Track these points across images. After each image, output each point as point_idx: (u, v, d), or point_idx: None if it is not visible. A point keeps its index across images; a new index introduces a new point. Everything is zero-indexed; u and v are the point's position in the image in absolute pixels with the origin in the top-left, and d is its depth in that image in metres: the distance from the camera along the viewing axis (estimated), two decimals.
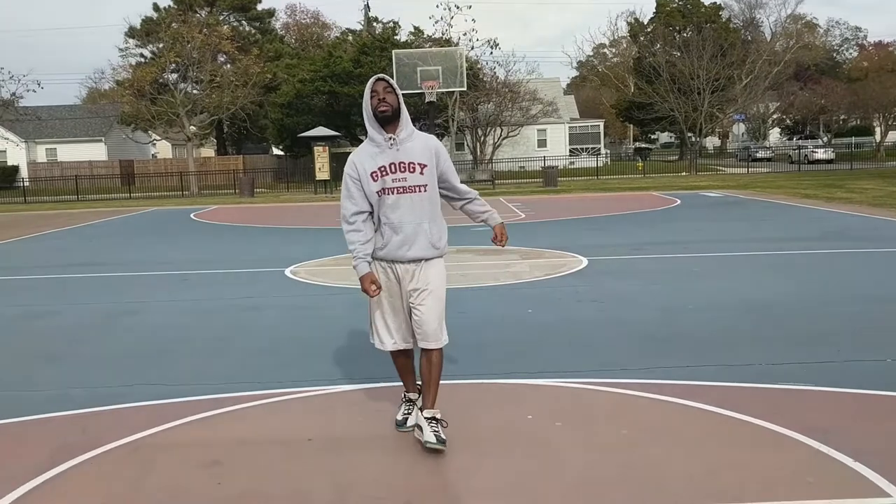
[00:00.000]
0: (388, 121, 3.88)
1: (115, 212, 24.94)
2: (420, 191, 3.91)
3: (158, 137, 53.44)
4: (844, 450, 3.74)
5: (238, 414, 4.61)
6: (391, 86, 3.90)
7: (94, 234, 17.49)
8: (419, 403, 4.16)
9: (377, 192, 3.90)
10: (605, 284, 8.57)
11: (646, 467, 3.66)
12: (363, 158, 3.94)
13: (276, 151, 55.57)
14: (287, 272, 10.16)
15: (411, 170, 3.89)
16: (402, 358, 4.21)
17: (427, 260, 3.96)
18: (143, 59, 45.80)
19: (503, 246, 4.26)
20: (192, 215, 22.09)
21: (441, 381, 4.55)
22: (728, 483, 3.45)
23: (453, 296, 6.11)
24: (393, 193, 3.88)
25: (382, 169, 3.88)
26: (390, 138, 3.89)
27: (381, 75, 3.97)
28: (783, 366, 5.23)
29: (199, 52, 39.94)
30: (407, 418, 4.26)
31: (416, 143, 3.95)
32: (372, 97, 3.88)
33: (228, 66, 45.98)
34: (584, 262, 10.18)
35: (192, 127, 40.39)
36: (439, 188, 4.05)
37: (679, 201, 21.13)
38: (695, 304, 7.39)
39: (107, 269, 11.16)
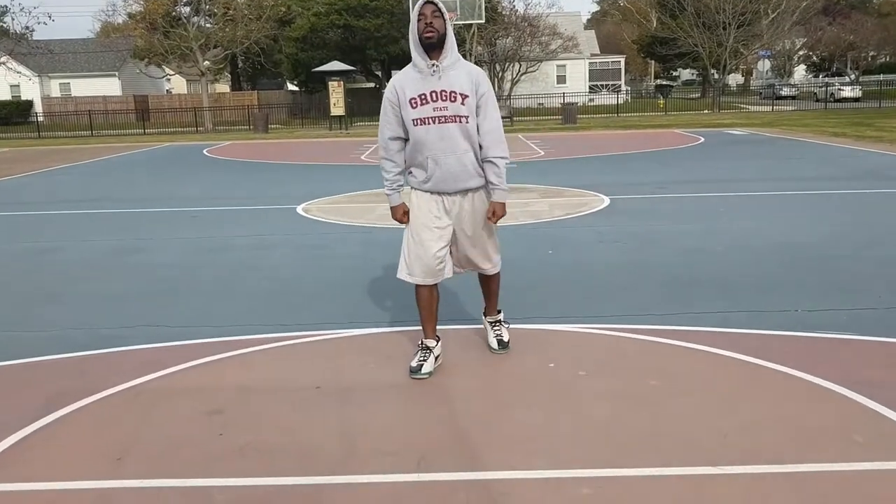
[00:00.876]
0: (433, 47, 3.74)
1: (128, 147, 24.65)
2: (461, 121, 3.77)
3: (172, 72, 52.79)
4: (894, 406, 3.45)
5: (243, 359, 4.38)
6: (439, 10, 3.74)
7: (105, 170, 17.25)
8: (437, 352, 4.10)
9: (414, 122, 3.78)
10: (627, 225, 8.23)
11: (676, 422, 3.39)
12: (405, 83, 3.82)
13: (291, 87, 54.79)
14: (299, 209, 9.88)
15: (452, 99, 3.75)
16: (426, 293, 4.03)
17: (475, 190, 3.92)
18: None
19: (493, 222, 3.94)
20: (205, 151, 21.78)
21: (458, 326, 4.45)
22: (765, 441, 3.18)
23: None
24: (434, 123, 3.77)
25: (423, 96, 3.76)
26: (433, 65, 3.74)
27: None
28: (821, 312, 4.92)
29: None
30: (422, 365, 4.04)
31: (460, 71, 3.80)
32: (419, 20, 3.73)
33: None
34: (606, 201, 9.82)
35: (205, 62, 39.74)
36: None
37: (702, 139, 20.54)
38: (723, 245, 7.06)
39: (116, 206, 10.93)
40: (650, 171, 13.63)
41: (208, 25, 41.47)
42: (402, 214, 4.01)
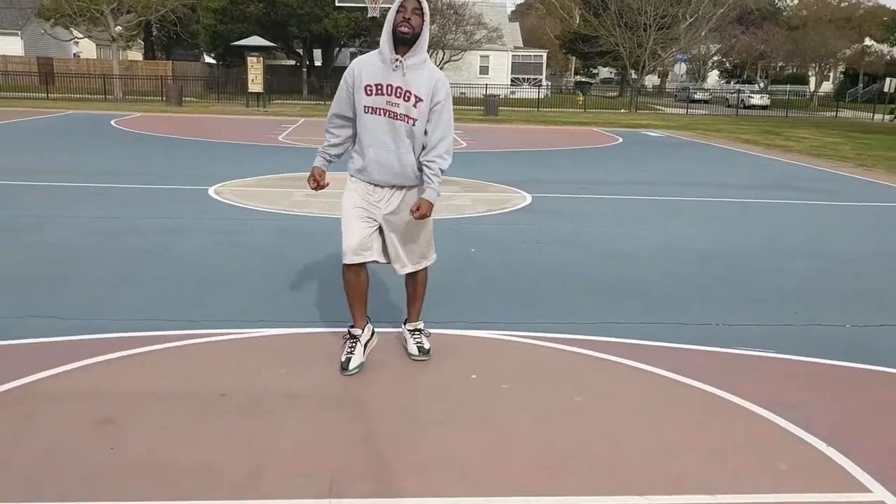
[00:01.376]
0: (403, 42, 3.66)
1: (28, 112, 23.26)
2: (409, 122, 3.72)
3: (81, 36, 50.26)
4: (816, 431, 3.42)
5: (142, 359, 4.04)
6: (421, 8, 3.66)
7: (1, 137, 16.17)
8: (364, 339, 4.04)
9: (364, 108, 3.74)
10: (550, 224, 8.16)
11: (600, 443, 3.27)
12: (364, 68, 3.76)
13: (209, 59, 53.03)
14: (211, 191, 9.42)
15: (406, 98, 3.69)
16: (352, 276, 3.92)
17: (408, 188, 3.85)
18: None
19: (415, 217, 3.74)
20: (113, 122, 20.72)
21: (376, 329, 4.26)
22: (690, 468, 3.08)
23: None
24: (382, 115, 3.72)
25: (378, 87, 3.70)
26: (397, 59, 3.67)
27: None
28: (741, 327, 4.92)
29: None
30: (350, 359, 3.93)
31: (422, 73, 3.71)
32: (398, 12, 3.64)
33: None
34: (528, 198, 9.74)
35: (117, 27, 37.95)
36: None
37: (621, 139, 20.83)
38: (644, 250, 7.05)
39: (10, 177, 10.19)
40: (571, 169, 13.67)
41: None
42: (312, 178, 3.87)
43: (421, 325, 4.25)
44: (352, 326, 4.04)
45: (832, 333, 4.89)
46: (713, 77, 71.63)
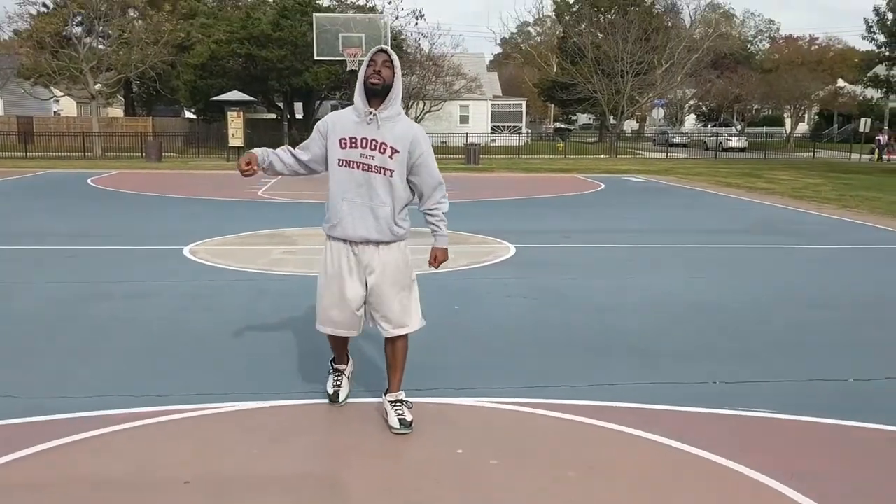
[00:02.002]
0: (375, 94, 3.68)
1: (3, 173, 22.96)
2: (386, 174, 3.70)
3: (61, 94, 50.28)
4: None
5: (101, 442, 3.72)
6: (391, 61, 3.69)
7: None
8: (348, 372, 4.20)
9: (339, 161, 3.72)
10: (536, 277, 7.93)
11: None
12: (338, 122, 3.78)
13: (189, 115, 53.12)
14: (186, 251, 9.14)
15: (381, 150, 3.68)
16: (339, 339, 4.08)
17: (385, 243, 3.78)
18: (45, 10, 42.60)
19: (434, 268, 4.05)
20: (89, 180, 20.44)
21: (349, 399, 4.18)
22: None
23: None
24: (356, 168, 3.70)
25: (353, 140, 3.70)
26: (370, 112, 3.68)
27: (384, 46, 3.77)
28: (740, 384, 4.67)
29: (106, 3, 37.52)
30: (338, 391, 4.16)
31: (397, 125, 3.73)
32: (368, 66, 3.69)
33: (139, 21, 43.42)
34: (512, 249, 9.52)
35: (97, 85, 37.95)
36: (408, 179, 3.80)
37: (603, 185, 20.78)
38: (633, 302, 6.82)
39: None
40: (555, 217, 13.51)
41: (101, 47, 39.70)
42: (245, 161, 3.75)
43: (402, 396, 3.99)
44: (334, 360, 4.17)
45: (836, 389, 4.65)
46: (690, 120, 72.59)
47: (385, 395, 4.03)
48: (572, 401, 4.35)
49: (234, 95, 32.06)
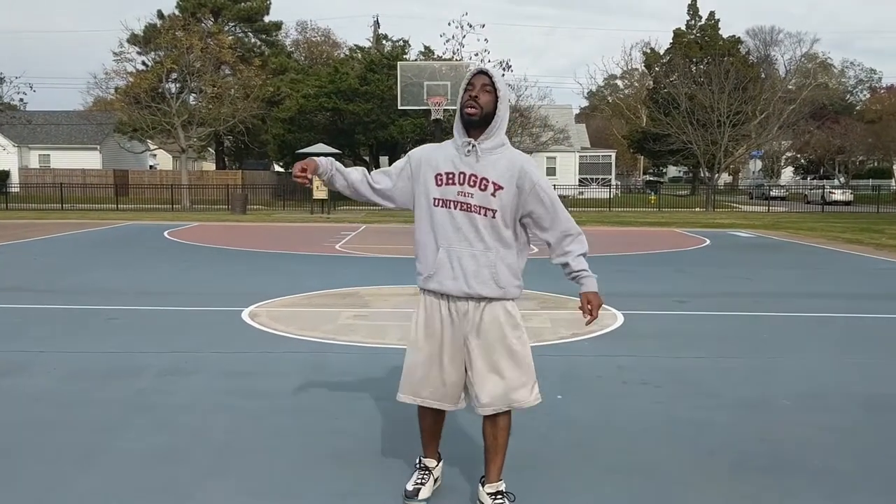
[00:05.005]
0: (474, 125, 3.15)
1: (89, 224, 22.88)
2: (484, 214, 3.15)
3: (155, 147, 51.68)
4: None
5: None
6: (493, 84, 3.14)
7: (43, 250, 15.37)
8: (437, 474, 3.53)
9: (434, 201, 3.20)
10: (654, 356, 6.46)
11: None
12: (435, 152, 3.28)
13: (278, 168, 53.75)
14: (244, 314, 8.05)
15: (482, 187, 3.15)
16: (429, 418, 3.43)
17: (489, 300, 3.20)
18: (143, 67, 43.93)
19: (589, 318, 3.34)
20: (165, 233, 19.96)
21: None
22: None
23: None
24: (453, 208, 3.17)
25: (450, 175, 3.19)
26: (469, 143, 3.16)
27: (484, 67, 3.27)
28: None
29: (200, 61, 38.32)
30: (419, 489, 3.41)
31: (500, 157, 3.18)
32: (465, 91, 3.17)
33: (231, 77, 44.29)
34: (620, 318, 8.05)
35: (187, 139, 38.53)
36: (522, 221, 3.24)
37: (708, 241, 19.01)
38: (789, 395, 5.28)
39: (20, 299, 9.06)
40: (662, 277, 11.94)
41: (193, 102, 40.47)
42: (301, 167, 3.22)
43: (503, 487, 3.33)
44: (424, 456, 3.52)
45: None
46: (787, 173, 69.58)
47: (482, 485, 3.36)
48: None
49: (320, 148, 31.95)
